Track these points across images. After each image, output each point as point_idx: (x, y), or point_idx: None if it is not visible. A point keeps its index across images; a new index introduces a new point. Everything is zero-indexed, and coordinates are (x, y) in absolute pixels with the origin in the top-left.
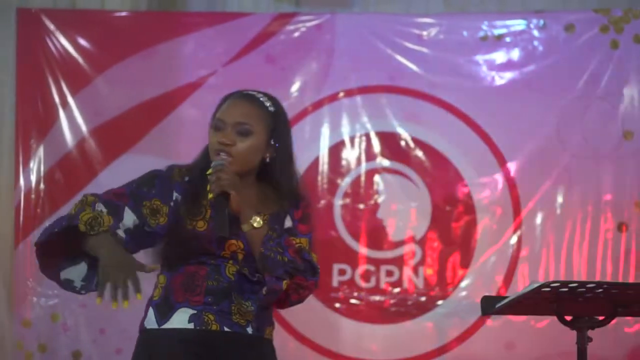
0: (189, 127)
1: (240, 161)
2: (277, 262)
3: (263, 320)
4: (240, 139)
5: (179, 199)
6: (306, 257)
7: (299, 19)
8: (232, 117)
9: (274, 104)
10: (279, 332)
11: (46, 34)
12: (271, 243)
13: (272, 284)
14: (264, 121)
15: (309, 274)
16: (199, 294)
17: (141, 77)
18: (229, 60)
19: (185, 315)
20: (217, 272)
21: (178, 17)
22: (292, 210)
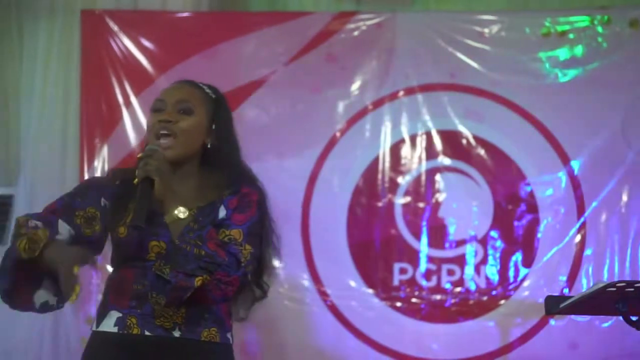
0: (249, 126)
1: (183, 140)
2: (190, 256)
3: (197, 322)
4: (181, 117)
5: (107, 204)
6: (232, 251)
7: (359, 18)
8: (172, 97)
9: (214, 92)
10: (340, 331)
11: (109, 35)
12: (190, 235)
13: (179, 281)
14: (204, 104)
15: (232, 268)
16: (126, 297)
17: (203, 77)
18: (290, 59)
19: (113, 319)
20: (142, 276)
21: (239, 17)
22: (227, 199)
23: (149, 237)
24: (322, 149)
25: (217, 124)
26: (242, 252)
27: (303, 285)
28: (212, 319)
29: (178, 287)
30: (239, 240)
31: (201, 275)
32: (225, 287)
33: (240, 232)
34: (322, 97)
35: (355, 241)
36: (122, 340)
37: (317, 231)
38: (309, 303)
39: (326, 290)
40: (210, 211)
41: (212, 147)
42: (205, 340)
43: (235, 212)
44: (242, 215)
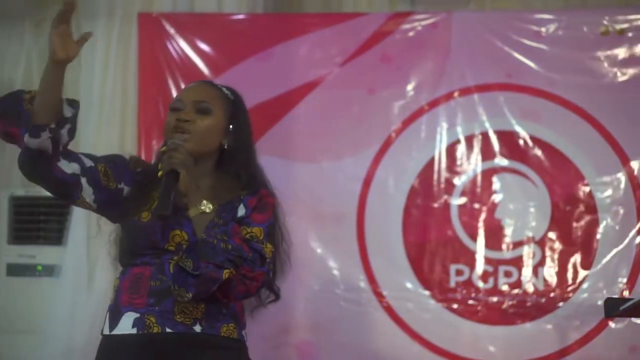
0: (305, 127)
1: (199, 139)
2: (218, 249)
3: (216, 317)
4: (199, 117)
5: (125, 189)
6: (255, 247)
7: (414, 18)
8: (191, 97)
9: (232, 93)
10: (395, 333)
11: (166, 37)
12: (215, 230)
13: (209, 271)
14: (222, 105)
15: (257, 264)
16: (142, 296)
17: (258, 79)
18: (345, 60)
19: (130, 320)
20: (160, 272)
21: (294, 19)
22: (247, 198)
23: (171, 226)
24: (377, 150)
25: (234, 125)
26: (265, 249)
27: (359, 286)
28: (230, 314)
29: (207, 278)
30: (261, 238)
31: (229, 268)
32: (249, 283)
33: (261, 231)
34: (377, 98)
35: (411, 242)
36: (142, 341)
37: (372, 232)
38: (364, 304)
39: (382, 292)
40: (230, 209)
41: (229, 148)
42: (224, 335)
43: (254, 212)
44: (261, 215)
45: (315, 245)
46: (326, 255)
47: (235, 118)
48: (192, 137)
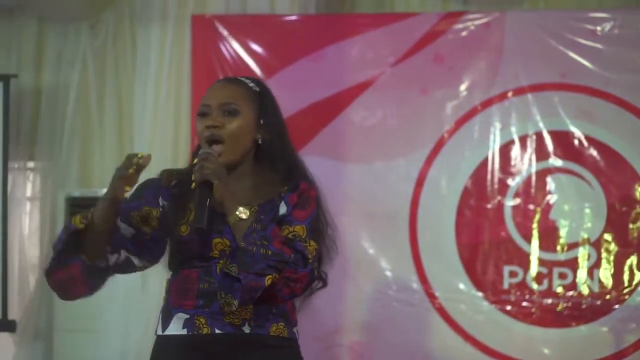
0: (357, 128)
1: (232, 144)
2: (258, 256)
3: (265, 317)
4: (228, 120)
5: (165, 205)
6: (298, 247)
7: (467, 18)
8: (216, 99)
9: (258, 84)
10: (448, 334)
11: (219, 39)
12: (254, 235)
13: (249, 281)
14: (249, 100)
15: (299, 265)
16: (191, 298)
17: (310, 80)
18: (397, 61)
19: (180, 321)
20: (208, 274)
21: (346, 19)
22: (287, 195)
23: (212, 235)
24: (430, 150)
25: (265, 118)
26: (308, 248)
27: (411, 287)
28: (279, 313)
29: (249, 287)
30: (303, 236)
31: (270, 273)
32: (293, 285)
33: (304, 228)
34: (430, 98)
35: (464, 243)
36: (192, 341)
37: (425, 233)
38: (417, 305)
39: (434, 293)
40: (271, 208)
41: (264, 142)
42: (274, 335)
43: (296, 209)
44: (303, 211)
45: (368, 245)
46: (378, 256)
47: (264, 111)
48: (226, 146)
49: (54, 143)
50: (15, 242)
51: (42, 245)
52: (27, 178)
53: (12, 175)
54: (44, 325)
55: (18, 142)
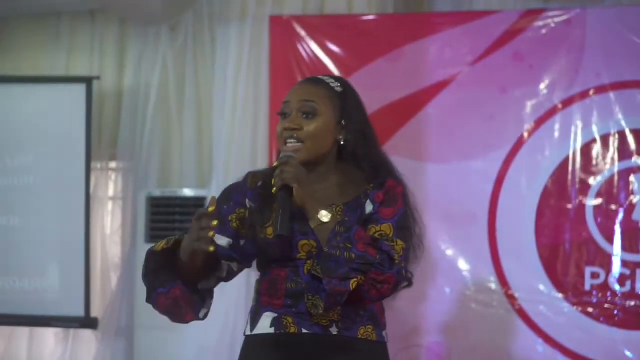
0: (435, 127)
1: (311, 145)
2: (341, 261)
3: (353, 319)
4: (306, 121)
5: (252, 206)
6: (384, 248)
7: (547, 15)
8: (296, 100)
9: (341, 84)
10: (528, 336)
11: (297, 39)
12: (337, 239)
13: (333, 286)
14: (330, 100)
15: (386, 267)
16: (280, 297)
17: (388, 79)
18: (476, 59)
19: (268, 320)
20: (295, 274)
21: (424, 18)
22: (373, 193)
23: (298, 237)
24: (509, 150)
25: (346, 118)
26: (395, 248)
27: (490, 288)
28: (368, 316)
29: (334, 292)
30: (390, 235)
31: (355, 276)
32: (380, 287)
33: (391, 227)
34: (509, 97)
35: (544, 244)
36: (279, 340)
37: (504, 233)
38: (496, 306)
39: (514, 294)
40: (356, 206)
41: (346, 142)
42: (362, 338)
43: (382, 206)
44: (389, 209)
45: (446, 246)
46: (457, 257)
47: (346, 111)
48: (304, 146)
49: (135, 143)
50: (98, 241)
51: (123, 244)
52: (109, 178)
53: (94, 176)
54: (125, 322)
55: (100, 143)
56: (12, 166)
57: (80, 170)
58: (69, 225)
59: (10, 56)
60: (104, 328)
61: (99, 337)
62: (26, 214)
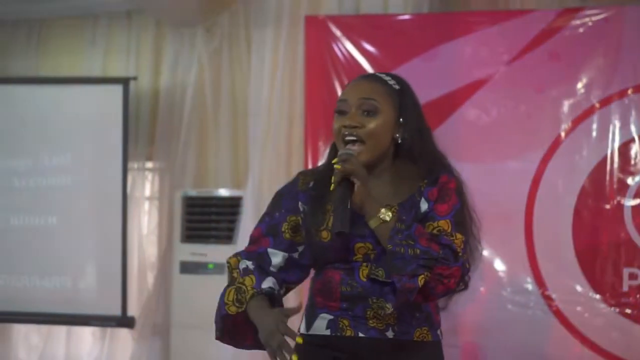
0: (471, 127)
1: (372, 144)
2: (407, 257)
3: (409, 322)
4: (367, 119)
5: (305, 208)
6: (445, 242)
7: (585, 13)
8: (355, 96)
9: (398, 82)
10: (565, 337)
11: (332, 39)
12: (399, 236)
13: (402, 284)
14: (389, 98)
15: (450, 260)
16: (335, 300)
17: (424, 79)
18: (512, 59)
19: (324, 322)
20: (350, 277)
21: (460, 18)
22: (427, 190)
23: (354, 240)
24: (546, 150)
25: (404, 116)
26: (455, 241)
27: (527, 289)
28: (423, 317)
29: (404, 290)
30: (449, 230)
31: (422, 273)
32: (447, 281)
33: (448, 222)
34: (546, 97)
35: (581, 244)
36: (335, 342)
37: (541, 234)
38: (532, 307)
39: (551, 295)
40: (411, 205)
41: (403, 140)
42: (417, 340)
43: (437, 204)
44: (444, 205)
45: (482, 246)
46: (493, 257)
47: (404, 108)
48: (366, 146)
49: (171, 144)
50: (134, 240)
51: (159, 243)
52: (145, 178)
53: (131, 176)
54: (161, 321)
55: (137, 143)
56: (50, 166)
57: (117, 170)
58: (106, 225)
59: (48, 57)
60: (140, 327)
61: (135, 336)
62: (64, 214)
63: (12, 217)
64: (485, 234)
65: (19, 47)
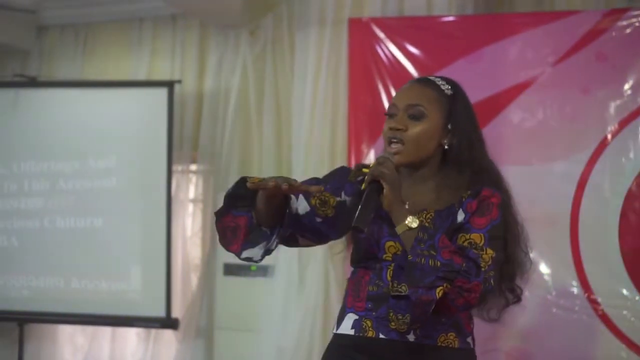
0: (516, 129)
1: (412, 148)
2: (426, 269)
3: (433, 326)
4: (412, 123)
5: (347, 200)
6: (470, 256)
7: (632, 14)
8: (404, 100)
9: (452, 87)
10: (611, 342)
11: (376, 42)
12: (421, 246)
13: (419, 296)
14: (438, 104)
15: (472, 274)
16: (362, 300)
17: (468, 81)
18: (558, 60)
19: (350, 321)
20: (378, 277)
21: (505, 19)
22: (467, 202)
23: (385, 237)
24: (592, 152)
25: (453, 122)
26: (482, 256)
27: (572, 292)
28: (450, 323)
29: (420, 302)
30: (480, 244)
31: (440, 285)
32: (468, 295)
33: (482, 237)
34: (592, 98)
35: (628, 248)
36: (357, 342)
37: (587, 237)
38: (578, 311)
39: (597, 299)
40: (448, 214)
41: (451, 146)
42: (441, 345)
43: (474, 216)
44: (482, 218)
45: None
46: (538, 260)
47: (454, 114)
48: (405, 148)
49: (215, 146)
50: (179, 242)
51: (203, 246)
52: (189, 180)
53: (175, 178)
54: (204, 323)
55: (181, 145)
56: (96, 168)
57: (162, 173)
58: (151, 227)
59: (94, 61)
60: (184, 329)
61: (179, 337)
62: (109, 216)
63: (58, 218)
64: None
65: (66, 52)
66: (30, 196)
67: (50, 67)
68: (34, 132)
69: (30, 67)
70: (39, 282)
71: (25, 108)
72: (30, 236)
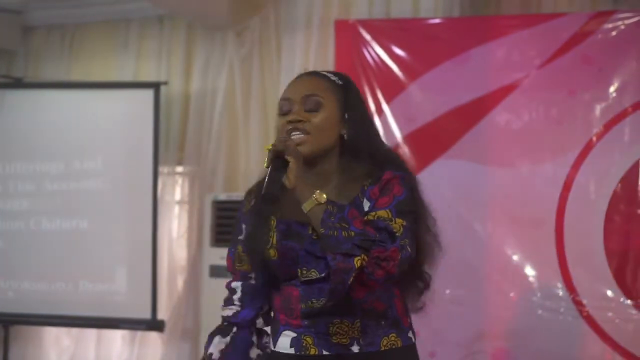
0: (502, 131)
1: (317, 136)
2: (341, 239)
3: (374, 332)
4: (312, 115)
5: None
6: (380, 225)
7: (617, 17)
8: (298, 92)
9: (341, 78)
10: (596, 343)
11: (362, 44)
12: (332, 219)
13: (337, 263)
14: (333, 93)
15: (387, 242)
16: (296, 317)
17: (454, 83)
18: (543, 63)
19: (288, 340)
20: (308, 294)
21: (491, 21)
22: (369, 189)
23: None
24: (577, 154)
25: (349, 112)
26: (393, 225)
27: (557, 294)
28: (389, 324)
29: (338, 270)
30: (388, 217)
31: (358, 254)
32: (386, 264)
33: (388, 212)
34: (578, 101)
35: (612, 249)
36: None
37: (572, 239)
38: (563, 313)
39: (582, 300)
40: (355, 208)
41: (349, 137)
42: (385, 349)
43: (378, 198)
44: (385, 197)
45: (512, 251)
46: (523, 262)
47: (348, 104)
48: (310, 137)
49: (202, 148)
50: (164, 244)
51: (189, 247)
52: (175, 182)
53: (161, 180)
54: (190, 325)
55: (167, 147)
56: (82, 170)
57: (148, 174)
58: (136, 229)
59: (81, 62)
60: (170, 330)
61: (165, 339)
62: (95, 218)
63: (44, 220)
64: (516, 238)
65: (52, 52)
66: (15, 197)
67: (36, 68)
68: (20, 133)
69: (16, 68)
70: (24, 284)
71: (11, 109)
72: (15, 238)
